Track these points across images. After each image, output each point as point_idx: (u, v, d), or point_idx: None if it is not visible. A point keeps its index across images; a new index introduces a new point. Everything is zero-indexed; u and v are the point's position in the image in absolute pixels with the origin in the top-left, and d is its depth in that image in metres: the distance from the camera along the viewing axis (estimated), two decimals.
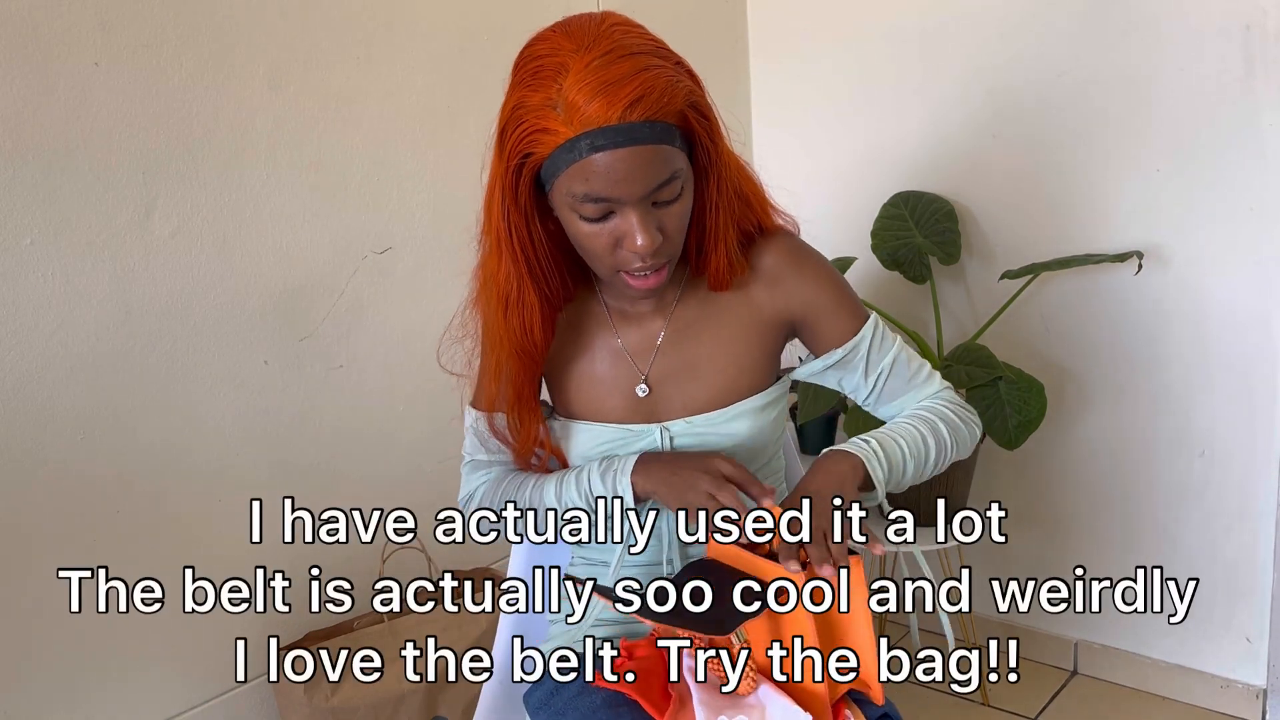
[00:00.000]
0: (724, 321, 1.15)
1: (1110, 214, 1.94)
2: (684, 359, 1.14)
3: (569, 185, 0.98)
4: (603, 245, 1.01)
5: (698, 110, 1.01)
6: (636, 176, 0.96)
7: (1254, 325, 1.84)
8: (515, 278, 1.07)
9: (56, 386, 1.44)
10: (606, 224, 1.00)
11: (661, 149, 0.96)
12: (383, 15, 1.73)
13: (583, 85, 0.94)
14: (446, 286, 1.86)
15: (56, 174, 1.40)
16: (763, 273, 1.14)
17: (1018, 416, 1.86)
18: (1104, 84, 1.90)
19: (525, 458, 1.20)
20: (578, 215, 1.00)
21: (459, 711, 1.69)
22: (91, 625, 1.50)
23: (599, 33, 0.97)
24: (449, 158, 1.84)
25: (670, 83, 0.96)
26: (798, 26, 2.25)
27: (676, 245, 1.04)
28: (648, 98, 0.94)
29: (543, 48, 0.99)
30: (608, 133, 0.94)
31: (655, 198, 0.99)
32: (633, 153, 0.95)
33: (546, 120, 0.96)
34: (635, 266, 1.02)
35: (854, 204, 2.22)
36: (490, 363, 1.14)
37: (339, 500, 1.76)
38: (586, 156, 0.95)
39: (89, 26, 1.41)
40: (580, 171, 0.96)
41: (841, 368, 1.17)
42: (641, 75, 0.94)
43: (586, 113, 0.94)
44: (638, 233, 0.99)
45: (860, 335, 1.15)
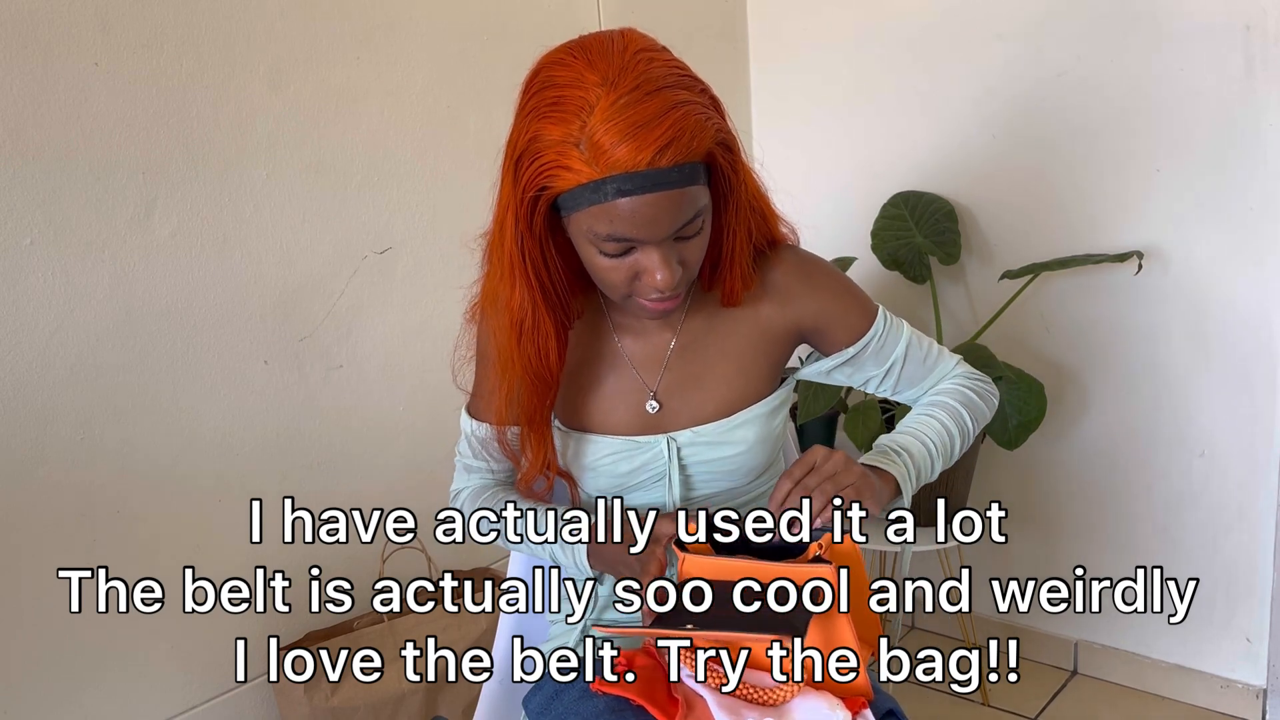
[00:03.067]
0: (731, 335, 1.15)
1: (1110, 214, 1.94)
2: (690, 372, 1.14)
3: (590, 223, 0.95)
4: (621, 278, 1.00)
5: (725, 146, 0.99)
6: (663, 220, 0.94)
7: (1254, 325, 1.84)
8: (530, 304, 1.04)
9: (56, 386, 1.44)
10: (626, 259, 0.98)
11: (689, 191, 0.95)
12: (383, 15, 1.73)
13: (610, 126, 0.90)
14: (446, 286, 1.86)
15: (56, 174, 1.40)
16: (771, 288, 1.14)
17: (1018, 416, 1.86)
18: (1104, 84, 1.90)
19: (531, 478, 1.18)
20: (597, 250, 0.98)
21: (459, 711, 1.69)
22: (91, 625, 1.50)
23: (624, 64, 0.92)
24: (449, 158, 1.84)
25: (699, 123, 0.93)
26: (798, 26, 2.25)
27: (692, 273, 1.04)
28: (678, 141, 0.91)
29: (563, 75, 0.94)
30: (636, 179, 0.91)
31: (678, 234, 0.98)
32: (660, 197, 0.93)
33: (568, 159, 0.92)
34: (653, 297, 1.02)
35: (854, 204, 2.22)
36: (499, 384, 1.11)
37: (339, 500, 1.76)
38: (612, 200, 0.92)
39: (89, 26, 1.41)
40: (604, 213, 0.94)
41: (854, 364, 1.17)
42: (671, 115, 0.91)
43: (614, 156, 0.90)
44: (659, 270, 0.97)
45: (872, 331, 1.16)
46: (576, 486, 1.19)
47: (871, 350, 1.16)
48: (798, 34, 2.26)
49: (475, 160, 1.87)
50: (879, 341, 1.16)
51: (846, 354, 1.16)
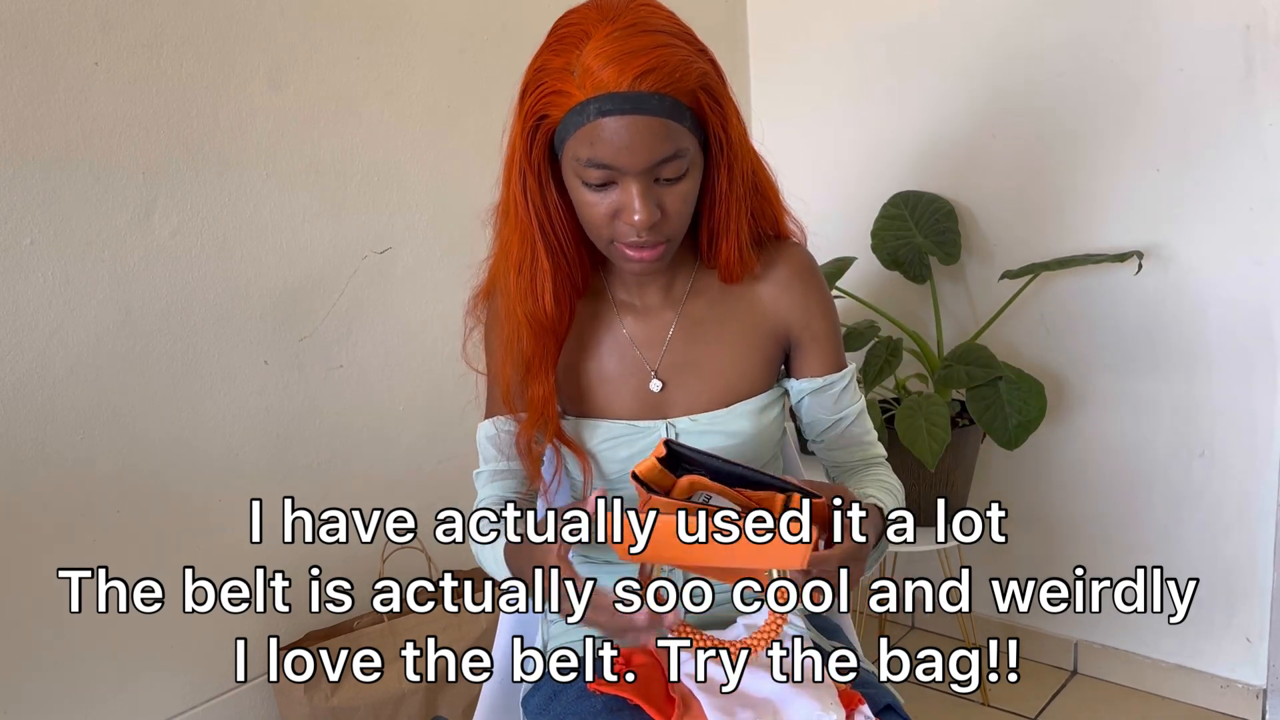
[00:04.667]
0: (732, 320, 1.15)
1: (1110, 214, 1.94)
2: (691, 356, 1.15)
3: (575, 149, 0.99)
4: (601, 216, 1.02)
5: (711, 94, 1.02)
6: (639, 146, 0.97)
7: (1254, 326, 1.84)
8: (529, 241, 1.07)
9: (56, 386, 1.44)
10: (608, 194, 1.01)
11: (668, 124, 0.97)
12: (383, 15, 1.73)
13: (600, 52, 0.96)
14: (446, 286, 1.86)
15: (56, 174, 1.40)
16: (775, 276, 1.16)
17: (1018, 416, 1.86)
18: (1104, 84, 1.90)
19: (530, 432, 1.15)
20: (581, 181, 1.01)
21: (459, 711, 1.69)
22: (91, 625, 1.50)
23: (626, 8, 0.99)
24: (449, 158, 1.84)
25: (685, 61, 0.98)
26: (798, 26, 2.25)
27: (676, 227, 1.04)
28: (660, 70, 0.96)
29: (572, 16, 1.01)
30: (616, 98, 0.95)
31: (658, 173, 1.00)
32: (638, 121, 0.96)
33: (563, 83, 0.98)
34: (630, 240, 1.03)
35: (854, 204, 2.22)
36: (502, 341, 1.13)
37: (339, 500, 1.76)
38: (594, 120, 0.96)
39: (89, 26, 1.41)
40: (587, 135, 0.97)
41: (819, 396, 1.19)
42: (658, 50, 0.96)
43: (599, 78, 0.95)
44: (635, 205, 0.99)
45: (841, 374, 1.19)
46: (587, 461, 1.16)
47: (833, 394, 1.18)
48: (798, 34, 2.26)
49: (475, 160, 1.87)
50: (842, 388, 1.19)
51: (815, 383, 1.18)
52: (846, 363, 1.21)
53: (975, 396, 1.88)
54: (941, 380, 1.94)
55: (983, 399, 1.87)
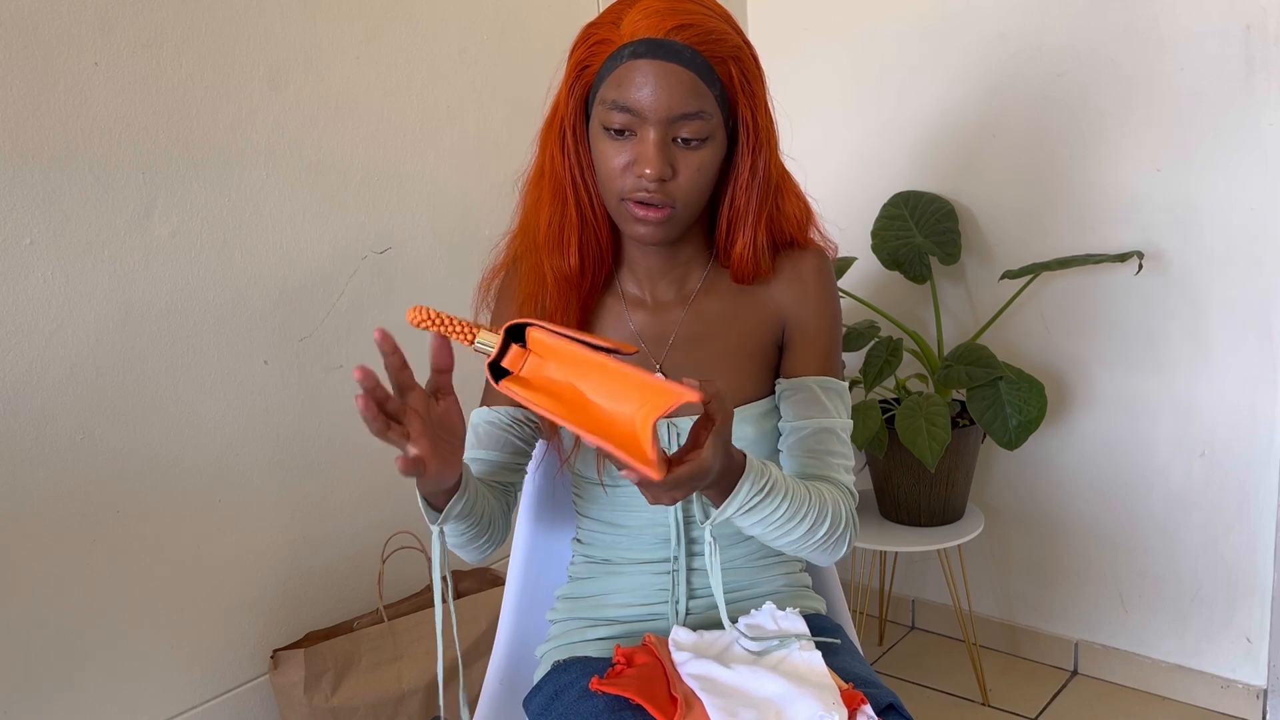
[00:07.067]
0: (740, 321, 1.15)
1: (1110, 214, 1.94)
2: (696, 355, 1.15)
3: (605, 93, 1.02)
4: (616, 168, 1.04)
5: (743, 72, 1.04)
6: (663, 92, 1.00)
7: (1254, 325, 1.84)
8: (560, 197, 1.10)
9: (56, 386, 1.44)
10: (625, 145, 1.03)
11: (696, 80, 1.01)
12: (383, 15, 1.73)
13: (645, 8, 1.02)
14: (446, 286, 1.86)
15: (56, 174, 1.40)
16: (789, 271, 1.16)
17: (1018, 416, 1.86)
18: (1104, 84, 1.90)
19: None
20: (603, 127, 1.03)
21: (459, 712, 1.69)
22: (91, 625, 1.50)
23: None
24: (449, 158, 1.84)
25: (721, 31, 1.02)
26: (798, 26, 2.25)
27: (686, 194, 1.05)
28: (696, 28, 1.01)
29: None
30: (650, 43, 1.00)
31: (677, 131, 1.02)
32: (667, 68, 1.00)
33: (606, 33, 1.03)
34: (640, 195, 1.03)
35: (854, 204, 2.22)
36: (525, 297, 1.13)
37: (339, 500, 1.76)
38: (626, 62, 1.01)
39: (89, 26, 1.41)
40: (616, 78, 1.01)
41: (788, 400, 1.14)
42: (699, 15, 1.02)
43: (637, 26, 1.01)
44: (649, 155, 1.01)
45: (819, 379, 1.13)
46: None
47: (804, 394, 1.12)
48: (798, 33, 2.26)
49: (475, 160, 1.87)
50: (820, 392, 1.12)
51: (781, 384, 1.14)
52: (841, 376, 1.16)
53: (975, 396, 1.88)
54: (942, 380, 1.94)
55: (983, 399, 1.88)
